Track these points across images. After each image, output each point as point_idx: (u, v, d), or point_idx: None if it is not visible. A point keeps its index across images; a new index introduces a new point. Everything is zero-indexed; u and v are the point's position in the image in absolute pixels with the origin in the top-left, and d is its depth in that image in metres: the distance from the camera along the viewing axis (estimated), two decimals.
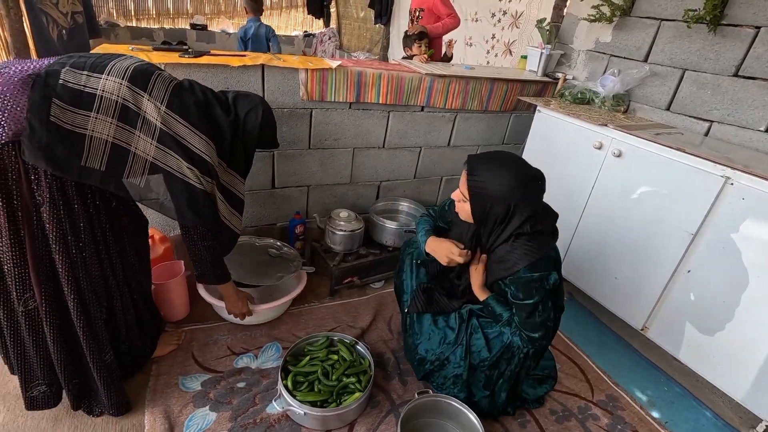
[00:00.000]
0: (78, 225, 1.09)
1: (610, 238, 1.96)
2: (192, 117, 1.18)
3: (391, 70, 2.04)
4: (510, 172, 1.21)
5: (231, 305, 1.58)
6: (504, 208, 1.20)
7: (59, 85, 1.01)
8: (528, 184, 1.22)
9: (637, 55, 2.21)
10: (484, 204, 1.22)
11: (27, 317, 1.11)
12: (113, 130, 1.07)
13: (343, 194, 2.29)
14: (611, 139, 1.91)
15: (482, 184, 1.21)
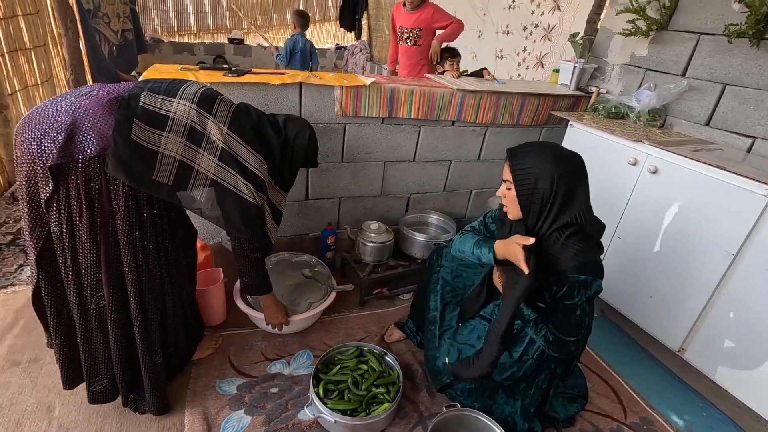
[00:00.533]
0: (145, 232, 1.19)
1: (644, 256, 1.92)
2: (248, 137, 1.28)
3: (423, 86, 2.09)
4: (548, 149, 1.25)
5: (270, 316, 1.66)
6: (548, 182, 1.19)
7: (139, 107, 1.11)
8: (567, 158, 1.25)
9: (674, 69, 2.17)
10: (528, 183, 1.21)
11: (97, 315, 1.21)
12: (181, 148, 1.17)
13: (374, 206, 2.34)
14: (647, 155, 1.88)
15: (524, 165, 1.23)
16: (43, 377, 1.50)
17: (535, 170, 1.21)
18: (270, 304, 1.63)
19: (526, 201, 1.23)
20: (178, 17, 6.01)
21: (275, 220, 1.49)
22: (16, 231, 2.32)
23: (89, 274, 1.16)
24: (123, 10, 5.04)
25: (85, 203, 1.09)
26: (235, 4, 6.21)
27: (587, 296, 1.22)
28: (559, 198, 1.20)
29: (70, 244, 1.12)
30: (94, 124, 1.06)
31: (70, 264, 1.15)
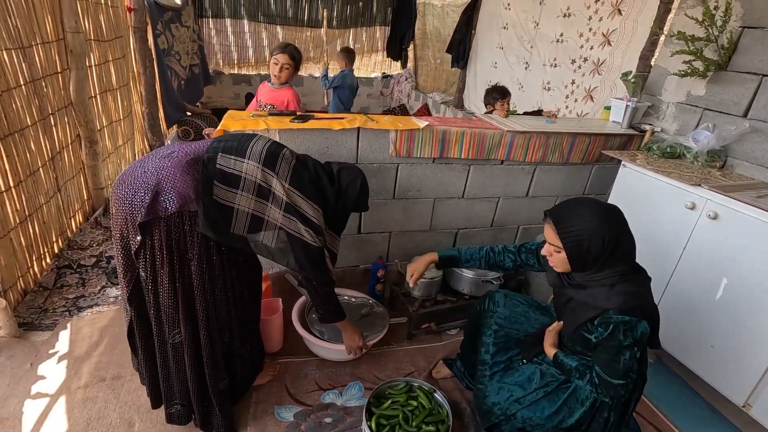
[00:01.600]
0: (215, 276, 1.33)
1: (705, 304, 1.86)
2: (306, 190, 1.41)
3: (473, 127, 2.17)
4: (590, 209, 1.27)
5: (349, 340, 1.77)
6: (599, 242, 1.22)
7: (217, 169, 1.27)
8: (611, 214, 1.27)
9: (735, 110, 2.12)
10: (580, 246, 1.24)
11: (173, 349, 1.35)
12: (253, 203, 1.31)
13: (422, 240, 2.42)
14: (706, 200, 1.85)
15: (572, 228, 1.25)
16: (125, 394, 1.67)
17: (585, 233, 1.23)
18: (348, 328, 1.76)
19: (577, 261, 1.28)
20: (238, 51, 6.48)
21: (332, 260, 1.60)
22: (99, 254, 2.59)
23: (168, 313, 1.31)
24: (192, 47, 5.54)
25: (166, 253, 1.24)
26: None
27: (634, 338, 1.22)
28: (608, 253, 1.24)
29: (153, 287, 1.28)
30: (174, 184, 1.22)
31: (152, 303, 1.30)
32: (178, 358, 1.37)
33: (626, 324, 1.20)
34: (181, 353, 1.36)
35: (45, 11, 2.34)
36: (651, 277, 1.35)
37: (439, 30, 6.44)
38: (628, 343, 1.21)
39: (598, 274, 1.27)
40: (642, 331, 1.22)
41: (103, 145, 3.13)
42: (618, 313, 1.21)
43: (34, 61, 2.24)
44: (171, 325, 1.32)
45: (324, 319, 1.69)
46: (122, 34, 3.55)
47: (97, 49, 3.00)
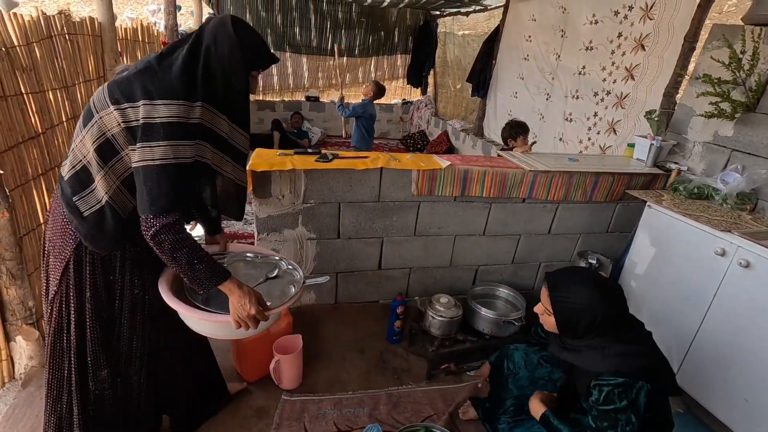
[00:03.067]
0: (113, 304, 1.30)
1: (738, 355, 1.79)
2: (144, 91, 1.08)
3: (495, 166, 2.18)
4: (589, 286, 1.27)
5: (236, 306, 1.19)
6: (589, 319, 1.24)
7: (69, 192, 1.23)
8: (608, 293, 1.27)
9: (765, 153, 2.08)
10: (570, 317, 1.27)
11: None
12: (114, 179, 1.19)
13: (442, 276, 2.41)
14: (737, 247, 1.80)
15: (566, 299, 1.28)
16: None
17: (577, 307, 1.24)
18: (234, 291, 1.20)
19: (565, 329, 1.30)
20: (263, 78, 6.71)
21: (237, 161, 1.31)
22: None
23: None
24: None
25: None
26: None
27: (629, 401, 1.18)
28: (598, 328, 1.25)
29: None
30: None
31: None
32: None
33: (620, 386, 1.18)
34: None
35: (88, 52, 2.49)
36: (649, 331, 1.36)
37: (460, 59, 6.55)
38: (623, 405, 1.18)
39: (590, 341, 1.27)
40: (639, 391, 1.19)
41: None
42: (611, 375, 1.20)
43: (76, 98, 2.38)
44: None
45: (198, 285, 1.19)
46: None
47: None
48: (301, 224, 2.05)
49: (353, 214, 2.10)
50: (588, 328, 1.25)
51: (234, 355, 1.99)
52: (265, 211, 1.97)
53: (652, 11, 3.04)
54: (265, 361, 1.96)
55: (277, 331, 1.91)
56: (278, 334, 1.94)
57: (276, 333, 1.91)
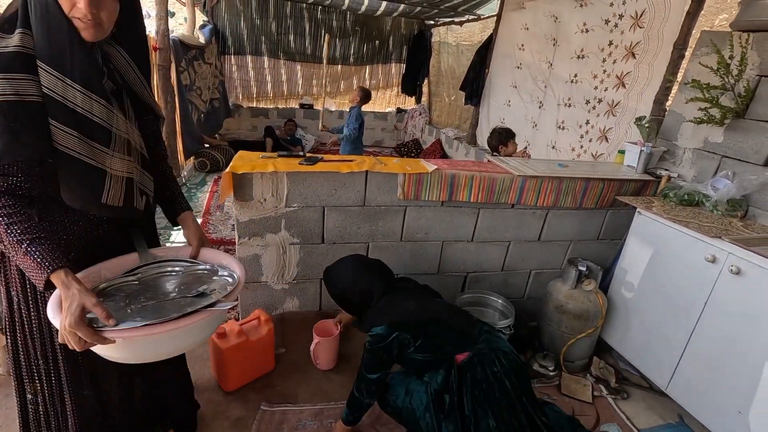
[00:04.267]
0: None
1: (730, 364, 1.74)
2: None
3: (483, 171, 2.15)
4: (347, 268, 1.75)
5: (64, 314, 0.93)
6: (359, 291, 1.69)
7: None
8: (359, 268, 1.75)
9: (755, 159, 2.06)
10: (343, 300, 1.75)
11: None
12: None
13: (430, 283, 2.32)
14: (727, 254, 1.76)
15: (334, 286, 1.75)
16: None
17: (347, 288, 1.73)
18: (61, 290, 0.96)
19: (352, 309, 1.77)
20: (257, 85, 6.71)
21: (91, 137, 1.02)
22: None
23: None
24: (213, 82, 5.76)
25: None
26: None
27: (384, 346, 1.52)
28: (368, 294, 1.70)
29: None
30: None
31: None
32: None
33: (377, 337, 1.53)
34: None
35: None
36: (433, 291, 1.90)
37: (454, 68, 6.57)
38: (376, 347, 1.53)
39: (374, 308, 1.67)
40: (400, 339, 1.52)
41: None
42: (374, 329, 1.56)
43: None
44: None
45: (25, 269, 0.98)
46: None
47: None
48: (284, 228, 2.00)
49: (338, 218, 2.05)
50: (363, 296, 1.68)
51: (212, 363, 1.93)
52: (246, 214, 1.92)
53: (642, 19, 3.05)
54: (247, 369, 1.90)
55: (257, 339, 1.85)
56: (259, 342, 1.88)
57: (256, 341, 1.85)
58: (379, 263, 1.83)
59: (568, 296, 2.18)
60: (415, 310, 1.62)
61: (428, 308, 1.67)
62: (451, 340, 1.57)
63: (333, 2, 5.83)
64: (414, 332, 1.54)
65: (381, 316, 1.60)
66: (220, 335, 1.79)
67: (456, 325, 1.62)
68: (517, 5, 4.62)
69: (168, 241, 3.26)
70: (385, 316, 1.58)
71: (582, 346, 2.23)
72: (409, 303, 1.65)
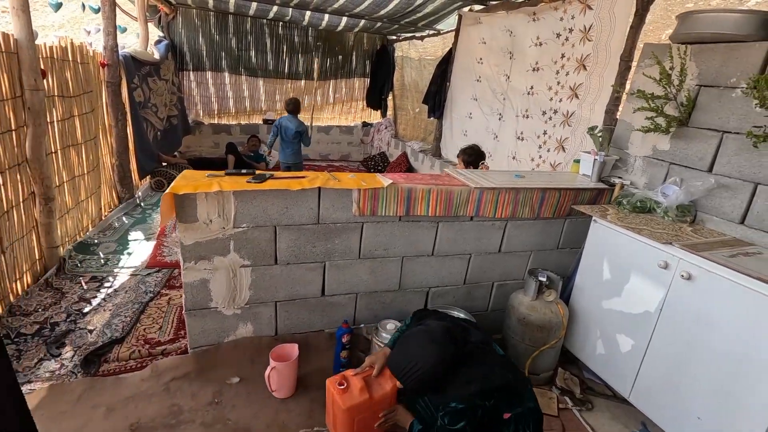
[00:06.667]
0: None
1: (688, 370, 1.75)
2: None
3: (440, 184, 2.12)
4: (422, 344, 1.46)
5: None
6: (442, 371, 1.43)
7: None
8: (442, 341, 1.45)
9: (700, 165, 2.12)
10: (426, 384, 1.45)
11: None
12: None
13: (392, 300, 2.29)
14: (678, 259, 1.78)
15: (411, 375, 1.44)
16: None
17: (426, 370, 1.42)
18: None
19: (427, 390, 1.51)
20: (218, 102, 6.56)
21: None
22: (44, 320, 2.39)
23: None
24: (171, 99, 5.57)
25: None
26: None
27: (468, 420, 1.36)
28: (448, 373, 1.44)
29: None
30: None
31: None
32: None
33: (458, 412, 1.38)
34: None
35: (2, 70, 2.29)
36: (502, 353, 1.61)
37: (417, 81, 6.64)
38: (460, 426, 1.37)
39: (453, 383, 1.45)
40: (475, 410, 1.37)
41: (62, 202, 3.00)
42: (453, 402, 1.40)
43: None
44: None
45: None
46: (92, 88, 3.52)
47: (61, 105, 2.94)
48: (233, 250, 1.89)
49: (291, 237, 1.96)
50: (444, 378, 1.43)
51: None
52: (191, 237, 1.80)
53: (591, 33, 3.15)
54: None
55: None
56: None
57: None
58: (452, 321, 1.65)
59: (530, 308, 2.16)
60: (491, 375, 1.46)
61: (497, 372, 1.48)
62: (507, 400, 1.45)
63: (293, 18, 5.80)
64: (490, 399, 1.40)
65: (461, 385, 1.42)
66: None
67: (515, 385, 1.49)
68: (474, 20, 4.72)
69: (117, 266, 3.06)
70: (466, 385, 1.41)
71: (546, 358, 2.21)
72: (485, 368, 1.48)
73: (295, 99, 4.84)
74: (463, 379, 1.43)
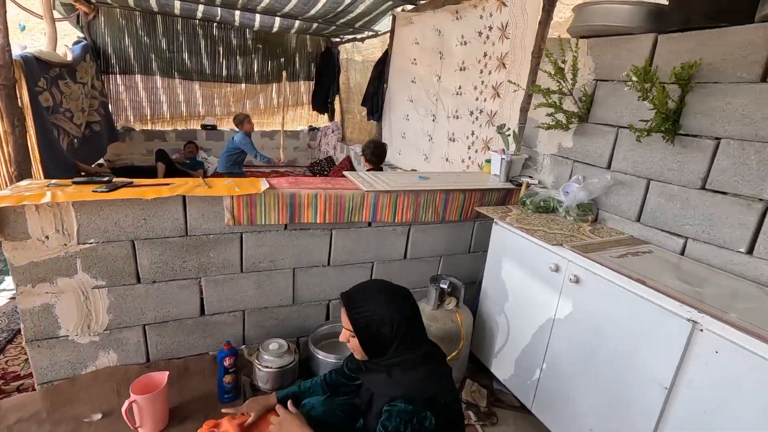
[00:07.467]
0: None
1: (581, 379, 1.65)
2: None
3: (329, 188, 1.95)
4: (383, 292, 1.27)
5: None
6: (389, 326, 1.20)
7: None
8: (402, 298, 1.27)
9: (599, 162, 2.05)
10: (370, 330, 1.22)
11: None
12: None
13: (286, 316, 2.10)
14: (567, 261, 1.68)
15: (362, 311, 1.23)
16: None
17: (375, 316, 1.21)
18: None
19: (369, 345, 1.24)
20: (151, 107, 6.19)
21: None
22: None
23: None
24: (92, 104, 5.19)
25: None
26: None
27: (414, 430, 1.11)
28: (399, 337, 1.21)
29: None
30: None
31: None
32: None
33: (407, 414, 1.12)
34: None
35: None
36: (451, 367, 1.31)
37: (362, 84, 6.49)
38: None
39: (393, 359, 1.22)
40: (428, 424, 1.12)
41: None
42: (404, 401, 1.15)
43: None
44: None
45: None
46: None
47: None
48: (81, 270, 1.66)
49: (155, 252, 1.75)
50: (389, 336, 1.21)
51: None
52: (23, 257, 1.56)
53: (507, 31, 3.09)
54: None
55: None
56: None
57: None
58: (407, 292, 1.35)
59: (431, 318, 2.02)
60: (449, 386, 1.26)
61: (449, 388, 1.27)
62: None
63: (224, 18, 5.54)
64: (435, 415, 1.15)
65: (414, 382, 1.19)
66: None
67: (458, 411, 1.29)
68: (407, 20, 4.63)
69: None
70: (419, 383, 1.19)
71: None
72: (443, 369, 1.27)
73: (239, 114, 5.08)
74: (418, 376, 1.20)
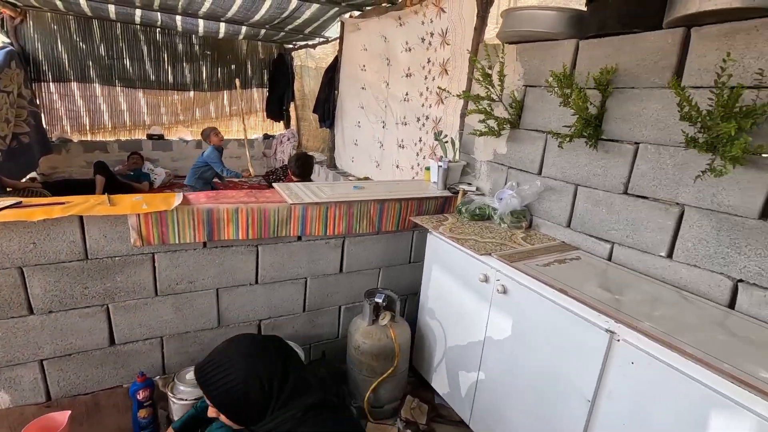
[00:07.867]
0: None
1: (512, 392, 1.60)
2: None
3: (251, 202, 1.83)
4: (241, 352, 1.10)
5: None
6: (258, 388, 1.04)
7: None
8: (268, 351, 1.11)
9: (531, 168, 2.04)
10: (235, 401, 1.04)
11: None
12: None
13: (212, 340, 1.96)
14: (496, 271, 1.64)
15: (220, 384, 1.05)
16: None
17: (239, 384, 1.04)
18: None
19: (242, 416, 1.06)
20: (90, 116, 5.85)
21: None
22: None
23: None
24: (19, 113, 4.83)
25: None
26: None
27: None
28: (275, 397, 1.05)
29: None
30: None
31: None
32: None
33: None
34: None
35: None
36: (352, 412, 1.24)
37: (316, 91, 6.37)
38: None
39: (269, 424, 1.03)
40: None
41: None
42: None
43: None
44: None
45: None
46: None
47: None
48: None
49: (49, 280, 1.57)
50: (263, 396, 1.04)
51: None
52: None
53: (448, 37, 3.08)
54: None
55: None
56: None
57: None
58: (273, 339, 1.22)
59: (365, 334, 1.94)
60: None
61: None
62: None
63: (165, 23, 5.31)
64: None
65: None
66: None
67: None
68: (354, 27, 4.57)
69: None
70: None
71: (389, 389, 1.99)
72: (337, 415, 1.11)
73: (206, 128, 5.23)
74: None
